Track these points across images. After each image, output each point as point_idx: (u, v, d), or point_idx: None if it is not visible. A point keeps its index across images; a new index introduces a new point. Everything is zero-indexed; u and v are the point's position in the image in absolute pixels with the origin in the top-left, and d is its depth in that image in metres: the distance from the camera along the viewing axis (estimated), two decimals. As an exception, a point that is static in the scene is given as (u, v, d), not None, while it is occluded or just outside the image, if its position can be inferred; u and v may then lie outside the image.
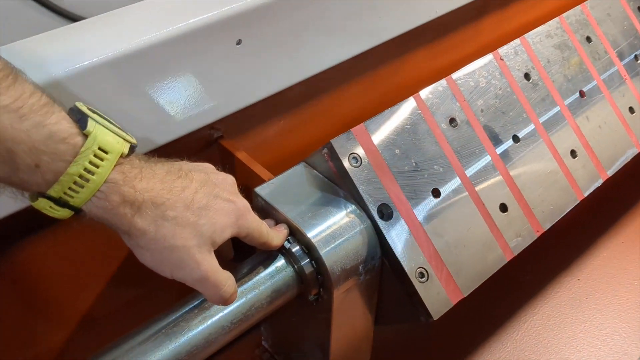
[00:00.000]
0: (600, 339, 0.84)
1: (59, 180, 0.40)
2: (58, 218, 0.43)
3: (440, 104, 0.70)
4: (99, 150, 0.42)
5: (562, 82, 0.82)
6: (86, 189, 0.41)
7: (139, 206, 0.44)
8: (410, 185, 0.64)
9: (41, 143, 0.39)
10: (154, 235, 0.45)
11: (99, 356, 0.50)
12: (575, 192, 0.77)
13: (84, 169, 0.41)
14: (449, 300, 0.62)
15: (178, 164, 0.50)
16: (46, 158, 0.39)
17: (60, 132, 0.40)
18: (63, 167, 0.40)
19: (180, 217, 0.46)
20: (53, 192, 0.41)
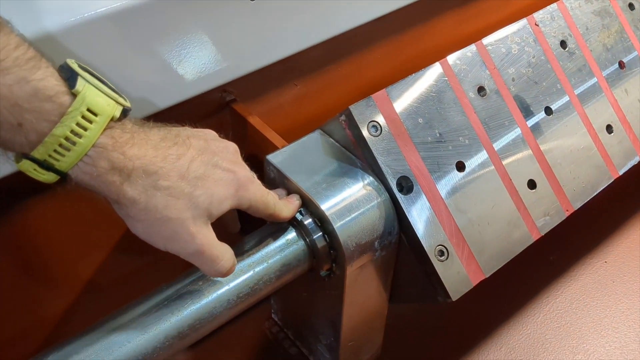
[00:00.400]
0: (626, 324, 0.80)
1: (43, 141, 0.38)
2: (43, 182, 0.40)
3: (469, 71, 0.65)
4: (87, 112, 0.39)
5: (600, 51, 0.76)
6: (72, 153, 0.39)
7: (128, 174, 0.41)
8: (432, 157, 0.60)
9: (25, 100, 0.36)
10: (144, 206, 0.42)
11: (98, 326, 0.47)
12: (610, 170, 0.72)
13: (71, 130, 0.38)
14: (469, 281, 0.59)
15: (176, 129, 0.47)
16: (30, 117, 0.37)
17: (46, 89, 0.37)
18: (48, 127, 0.38)
19: (174, 187, 0.43)
20: (37, 154, 0.38)
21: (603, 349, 0.77)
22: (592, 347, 0.77)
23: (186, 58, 0.61)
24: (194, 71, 0.63)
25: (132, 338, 0.47)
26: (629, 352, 0.76)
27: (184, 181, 0.43)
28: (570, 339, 0.78)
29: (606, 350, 0.77)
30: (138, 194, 0.41)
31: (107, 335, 0.46)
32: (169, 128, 0.46)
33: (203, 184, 0.45)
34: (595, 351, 0.77)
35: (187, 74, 0.62)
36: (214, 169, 0.46)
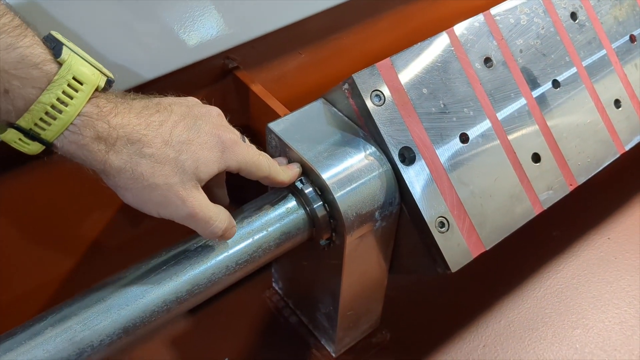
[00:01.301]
0: (626, 300, 0.80)
1: (29, 109, 0.37)
2: (27, 153, 0.40)
3: (476, 42, 0.64)
4: (73, 80, 0.39)
5: (611, 24, 0.75)
6: (58, 121, 0.38)
7: (113, 143, 0.41)
8: (436, 128, 0.59)
9: (11, 66, 0.36)
10: (131, 174, 0.42)
11: (97, 289, 0.48)
12: (616, 145, 0.71)
13: (57, 98, 0.38)
14: (469, 253, 0.59)
15: (157, 99, 0.46)
16: (16, 83, 0.36)
17: (32, 56, 0.37)
18: (35, 94, 0.37)
19: (159, 153, 0.43)
20: (23, 122, 0.38)
21: (602, 324, 0.77)
22: (591, 322, 0.77)
23: (189, 22, 0.61)
24: (197, 36, 0.62)
25: (130, 301, 0.47)
26: (628, 327, 0.77)
27: (168, 147, 0.43)
28: (569, 314, 0.79)
29: (605, 326, 0.77)
30: (124, 162, 0.41)
31: (105, 298, 0.47)
32: (150, 97, 0.46)
33: (188, 149, 0.44)
34: (595, 326, 0.77)
35: (189, 39, 0.62)
36: (198, 133, 0.45)
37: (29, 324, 0.45)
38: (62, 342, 0.44)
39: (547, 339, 0.76)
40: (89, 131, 0.40)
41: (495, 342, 0.75)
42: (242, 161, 0.49)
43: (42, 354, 0.43)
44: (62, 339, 0.44)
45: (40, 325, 0.44)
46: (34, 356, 0.43)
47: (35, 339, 0.43)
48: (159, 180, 0.43)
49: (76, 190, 0.64)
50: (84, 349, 0.45)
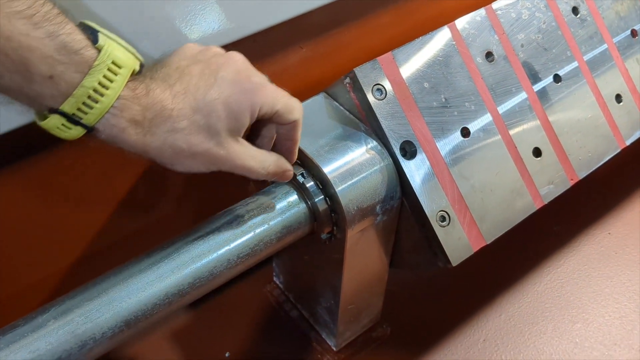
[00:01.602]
0: (626, 295, 0.80)
1: (73, 93, 0.39)
2: (65, 139, 0.41)
3: (477, 36, 0.64)
4: (112, 65, 0.40)
5: (613, 19, 0.75)
6: (100, 105, 0.40)
7: (148, 125, 0.42)
8: (437, 123, 0.59)
9: (56, 52, 0.37)
10: (171, 152, 0.44)
11: (99, 282, 0.48)
12: (617, 140, 0.71)
13: (99, 82, 0.39)
14: (470, 247, 0.59)
15: (175, 62, 0.46)
16: (61, 68, 0.38)
17: (74, 42, 0.38)
18: (78, 79, 0.39)
19: (190, 124, 0.43)
20: (67, 107, 0.39)
21: (602, 319, 0.77)
22: (591, 316, 0.78)
23: (190, 17, 0.61)
24: (198, 30, 0.62)
25: (132, 294, 0.47)
26: (628, 322, 0.77)
27: (196, 113, 0.44)
28: (570, 308, 0.79)
29: (605, 320, 0.77)
30: (161, 142, 0.43)
31: (107, 290, 0.47)
32: (167, 63, 0.46)
33: (215, 108, 0.44)
34: (595, 321, 0.77)
35: (191, 33, 0.62)
36: (220, 88, 0.45)
37: (32, 316, 0.45)
38: (64, 335, 0.44)
39: (547, 333, 0.76)
40: (126, 114, 0.41)
41: (495, 336, 0.76)
42: (273, 103, 0.48)
43: (44, 346, 0.43)
44: (64, 331, 0.44)
45: (43, 318, 0.45)
46: (36, 348, 0.43)
47: (38, 331, 0.44)
48: (198, 149, 0.44)
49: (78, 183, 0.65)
50: (86, 342, 0.45)
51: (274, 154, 0.50)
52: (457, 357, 0.74)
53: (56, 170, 0.62)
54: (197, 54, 0.47)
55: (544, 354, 0.74)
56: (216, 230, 0.52)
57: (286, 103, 0.48)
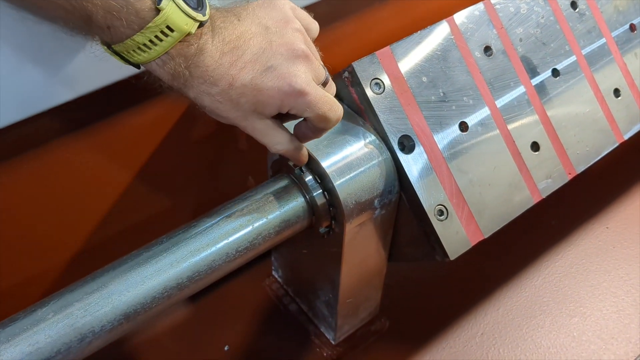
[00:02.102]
0: (624, 289, 0.81)
1: (124, 42, 0.42)
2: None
3: (476, 30, 0.64)
4: (166, 28, 0.42)
5: (611, 13, 0.75)
6: (146, 55, 0.43)
7: (186, 81, 0.46)
8: (435, 117, 0.59)
9: (116, 10, 0.40)
10: (201, 104, 0.47)
11: (98, 275, 0.48)
12: (615, 135, 0.71)
13: (149, 40, 0.42)
14: (467, 241, 0.59)
15: (242, 26, 0.48)
16: (118, 24, 0.41)
17: (136, 2, 0.41)
18: (130, 34, 0.42)
19: (221, 93, 0.46)
20: (118, 48, 0.43)
21: (600, 313, 0.78)
22: (589, 310, 0.78)
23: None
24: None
25: (131, 288, 0.47)
26: (626, 316, 0.77)
27: (231, 89, 0.46)
28: (567, 303, 0.79)
29: (603, 314, 0.78)
30: (194, 96, 0.47)
31: (107, 284, 0.47)
32: (240, 20, 0.48)
33: (247, 93, 0.47)
34: (592, 315, 0.78)
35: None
36: (263, 78, 0.47)
37: (31, 309, 0.45)
38: (64, 328, 0.44)
39: (545, 327, 0.76)
40: (168, 67, 0.45)
41: (493, 330, 0.76)
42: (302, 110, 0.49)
43: (44, 339, 0.44)
44: (63, 324, 0.44)
45: (43, 311, 0.45)
46: (36, 341, 0.43)
47: (38, 325, 0.44)
48: (223, 114, 0.48)
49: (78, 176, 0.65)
50: (85, 335, 0.45)
51: (287, 136, 0.51)
52: (455, 350, 0.74)
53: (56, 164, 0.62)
54: (276, 22, 0.49)
55: (542, 347, 0.74)
56: (215, 224, 0.52)
57: (318, 115, 0.49)
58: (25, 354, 0.43)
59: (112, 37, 0.42)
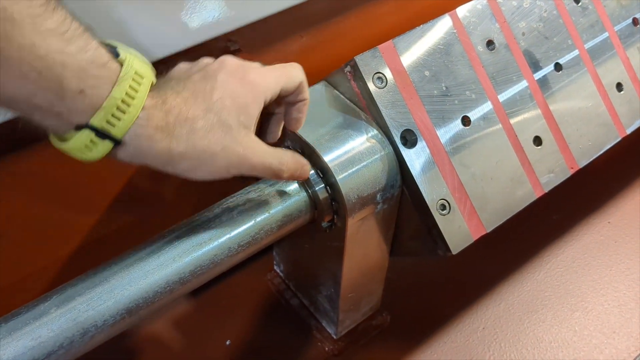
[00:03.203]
0: (625, 284, 0.81)
1: (102, 105, 0.39)
2: (88, 160, 0.41)
3: (478, 24, 0.63)
4: (135, 75, 0.41)
5: (614, 7, 0.74)
6: (127, 115, 0.40)
7: (171, 129, 0.43)
8: (438, 111, 0.59)
9: (87, 67, 0.38)
10: (193, 153, 0.44)
11: (100, 270, 0.48)
12: (617, 129, 0.71)
13: (125, 93, 0.40)
14: (470, 235, 0.59)
15: (175, 75, 0.47)
16: (91, 82, 0.38)
17: (101, 56, 0.39)
18: (107, 91, 0.39)
19: (206, 124, 0.44)
20: (96, 120, 0.39)
21: (601, 307, 0.78)
22: (590, 305, 0.78)
23: (190, 4, 0.60)
24: (198, 18, 0.62)
25: (133, 282, 0.47)
26: (627, 310, 0.77)
27: (210, 113, 0.44)
28: (569, 297, 0.79)
29: (604, 309, 0.78)
30: (184, 146, 0.43)
31: (109, 278, 0.47)
32: (168, 79, 0.46)
33: (224, 106, 0.45)
34: (594, 309, 0.78)
35: (190, 21, 0.61)
36: (224, 88, 0.46)
37: (34, 303, 0.45)
38: (66, 322, 0.44)
39: (547, 322, 0.76)
40: (151, 122, 0.42)
41: (494, 324, 0.76)
42: (275, 84, 0.49)
43: (46, 333, 0.43)
44: (66, 318, 0.44)
45: (45, 305, 0.45)
46: (38, 335, 0.43)
47: (40, 319, 0.44)
48: (216, 147, 0.45)
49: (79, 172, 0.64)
50: (88, 329, 0.45)
51: (288, 150, 0.51)
52: (457, 345, 0.74)
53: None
54: (191, 67, 0.48)
55: (543, 342, 0.74)
56: (217, 218, 0.52)
57: (285, 74, 0.50)
58: (28, 348, 0.43)
59: (88, 103, 0.39)
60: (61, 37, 0.37)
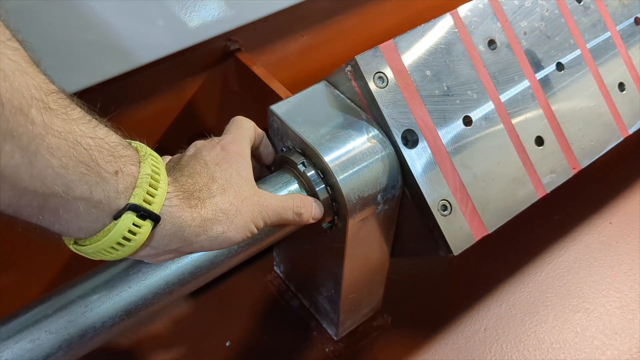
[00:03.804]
0: (627, 284, 0.80)
1: (137, 184, 0.39)
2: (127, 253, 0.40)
3: (480, 23, 0.63)
4: (150, 155, 0.41)
5: (616, 6, 0.74)
6: (160, 190, 0.40)
7: (194, 197, 0.43)
8: (439, 111, 0.59)
9: (116, 148, 0.38)
10: (220, 214, 0.45)
11: (100, 270, 0.48)
12: (620, 129, 0.71)
13: (151, 169, 0.40)
14: (471, 236, 0.59)
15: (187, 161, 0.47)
16: (122, 162, 0.38)
17: (120, 140, 0.39)
18: (136, 170, 0.39)
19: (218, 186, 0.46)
20: (136, 199, 0.38)
21: (603, 308, 0.77)
22: (592, 306, 0.78)
23: (190, 4, 0.60)
24: (198, 18, 0.61)
25: (133, 283, 0.47)
26: (629, 311, 0.77)
27: (216, 180, 0.46)
28: (571, 298, 0.79)
29: (606, 310, 0.77)
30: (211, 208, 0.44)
31: (108, 280, 0.47)
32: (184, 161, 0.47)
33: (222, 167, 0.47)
34: (596, 310, 0.77)
35: (190, 21, 0.61)
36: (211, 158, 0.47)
37: (32, 305, 0.45)
38: (64, 324, 0.44)
39: (548, 323, 0.76)
40: (179, 190, 0.42)
41: (496, 325, 0.76)
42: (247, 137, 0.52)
43: (45, 335, 0.43)
44: (64, 320, 0.44)
45: (43, 307, 0.44)
46: (37, 337, 0.43)
47: (39, 321, 0.44)
48: (237, 201, 0.46)
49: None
50: (86, 331, 0.45)
51: (295, 197, 0.52)
52: (458, 346, 0.74)
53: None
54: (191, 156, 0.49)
55: (545, 343, 0.74)
56: (217, 219, 0.52)
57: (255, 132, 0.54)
58: (26, 351, 0.42)
59: (124, 183, 0.38)
60: (89, 123, 0.37)
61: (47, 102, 0.33)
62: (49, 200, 0.34)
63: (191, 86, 0.69)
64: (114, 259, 0.41)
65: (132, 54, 0.58)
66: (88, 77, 0.57)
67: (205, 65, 0.68)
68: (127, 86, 0.62)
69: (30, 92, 0.32)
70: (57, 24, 0.53)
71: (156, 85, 0.66)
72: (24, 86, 0.32)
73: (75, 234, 0.39)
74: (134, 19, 0.57)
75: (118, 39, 0.57)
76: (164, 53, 0.61)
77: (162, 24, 0.59)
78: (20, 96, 0.32)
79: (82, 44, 0.55)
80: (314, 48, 0.79)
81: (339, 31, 0.80)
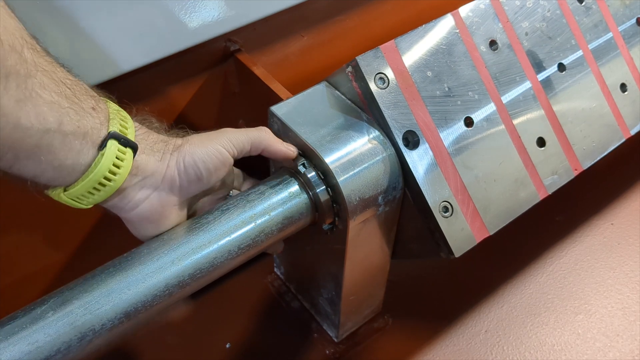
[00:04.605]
0: (629, 286, 0.80)
1: (110, 117, 0.44)
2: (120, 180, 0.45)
3: (481, 24, 0.63)
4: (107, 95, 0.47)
5: (618, 7, 0.74)
6: (129, 122, 0.45)
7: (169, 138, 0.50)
8: (440, 112, 0.58)
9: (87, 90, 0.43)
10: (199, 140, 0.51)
11: (98, 273, 0.47)
12: (621, 130, 0.70)
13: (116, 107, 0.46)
14: (473, 238, 0.58)
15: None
16: (95, 100, 0.44)
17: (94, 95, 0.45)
18: (105, 107, 0.45)
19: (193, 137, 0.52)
20: (114, 128, 0.44)
21: (605, 310, 0.77)
22: (594, 307, 0.77)
23: (190, 4, 0.60)
24: (198, 18, 0.61)
25: (132, 286, 0.47)
26: (631, 313, 0.76)
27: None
28: (572, 299, 0.78)
29: (608, 311, 0.77)
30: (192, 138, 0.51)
31: (107, 282, 0.46)
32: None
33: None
34: (597, 312, 0.77)
35: (190, 21, 0.61)
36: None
37: (31, 307, 0.44)
38: (63, 326, 0.44)
39: (550, 324, 0.76)
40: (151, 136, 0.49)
41: (497, 327, 0.75)
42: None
43: (43, 338, 0.43)
44: (63, 322, 0.44)
45: (42, 309, 0.44)
46: (35, 340, 0.43)
47: (37, 323, 0.43)
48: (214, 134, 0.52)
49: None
50: (85, 333, 0.44)
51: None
52: (459, 348, 0.73)
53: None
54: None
55: (546, 344, 0.74)
56: (217, 221, 0.51)
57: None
58: (24, 353, 0.42)
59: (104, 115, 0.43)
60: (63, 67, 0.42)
61: (34, 45, 0.38)
62: (43, 138, 0.39)
63: (191, 87, 0.69)
64: (104, 199, 0.45)
65: (132, 55, 0.58)
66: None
67: (205, 66, 0.68)
68: (127, 87, 0.61)
69: (21, 34, 0.37)
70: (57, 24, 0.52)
71: (156, 86, 0.66)
72: (16, 29, 0.36)
73: (65, 177, 0.43)
74: (134, 20, 0.57)
75: (118, 39, 0.57)
76: (164, 54, 0.61)
77: (162, 24, 0.59)
78: (13, 38, 0.36)
79: (81, 45, 0.55)
80: (315, 49, 0.78)
81: (340, 32, 0.80)
